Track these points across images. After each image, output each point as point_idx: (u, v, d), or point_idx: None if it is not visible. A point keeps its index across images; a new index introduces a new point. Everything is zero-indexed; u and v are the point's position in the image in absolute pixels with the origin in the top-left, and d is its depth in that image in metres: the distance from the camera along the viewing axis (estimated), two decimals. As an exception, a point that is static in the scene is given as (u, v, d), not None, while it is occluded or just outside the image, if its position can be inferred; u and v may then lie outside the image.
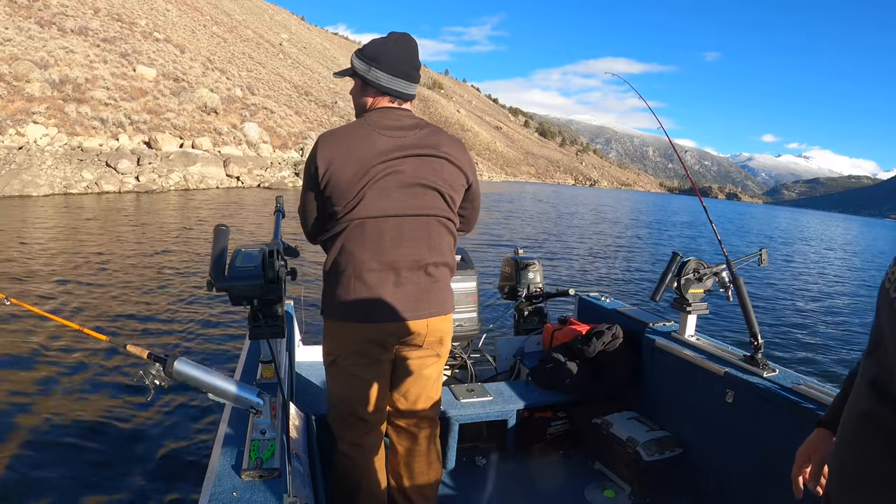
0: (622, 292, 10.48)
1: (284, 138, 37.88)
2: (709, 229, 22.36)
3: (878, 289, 0.97)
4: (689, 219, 40.51)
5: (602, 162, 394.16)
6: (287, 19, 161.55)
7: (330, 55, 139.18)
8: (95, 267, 8.61)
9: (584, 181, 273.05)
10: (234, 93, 40.83)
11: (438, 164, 1.77)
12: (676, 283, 2.67)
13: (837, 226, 76.71)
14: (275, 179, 28.68)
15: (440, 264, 1.84)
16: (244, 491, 1.31)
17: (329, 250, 1.81)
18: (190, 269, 9.01)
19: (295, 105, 53.06)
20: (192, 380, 1.37)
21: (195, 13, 71.21)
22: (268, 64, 69.97)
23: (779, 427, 2.16)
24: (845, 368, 6.54)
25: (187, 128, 28.44)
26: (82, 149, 21.57)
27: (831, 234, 51.20)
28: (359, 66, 1.79)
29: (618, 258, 15.75)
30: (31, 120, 21.34)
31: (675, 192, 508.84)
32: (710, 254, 14.46)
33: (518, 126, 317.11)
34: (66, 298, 6.88)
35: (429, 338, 1.86)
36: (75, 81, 26.29)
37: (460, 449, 2.69)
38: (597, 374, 2.90)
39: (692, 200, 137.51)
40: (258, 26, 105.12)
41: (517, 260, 3.81)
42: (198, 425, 3.85)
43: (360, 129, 1.72)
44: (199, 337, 5.80)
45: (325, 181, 1.69)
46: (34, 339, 5.20)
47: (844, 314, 10.95)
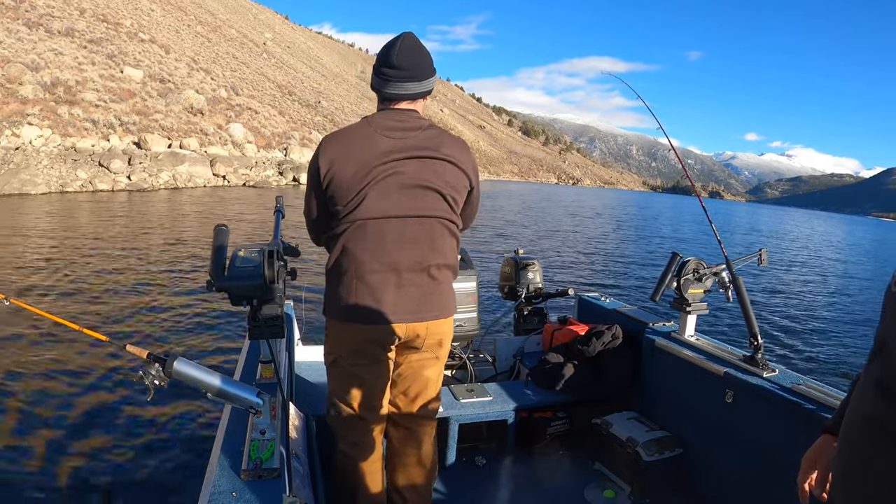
0: (622, 291, 10.68)
1: (268, 138, 38.97)
2: (700, 229, 24.51)
3: (876, 289, 1.38)
4: (675, 214, 41.50)
5: (585, 160, 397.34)
6: (271, 18, 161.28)
7: (314, 54, 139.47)
8: (95, 267, 8.73)
9: (566, 180, 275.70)
10: (218, 93, 41.76)
11: (440, 165, 1.77)
12: (676, 283, 2.68)
13: (821, 225, 77.85)
14: (259, 178, 29.88)
15: (442, 266, 1.84)
16: (244, 491, 1.31)
17: (331, 250, 1.82)
18: (190, 268, 9.13)
19: (279, 105, 53.97)
20: (191, 380, 1.37)
21: (179, 13, 71.60)
22: (252, 64, 70.56)
23: (779, 427, 2.16)
24: (846, 368, 7.04)
25: (175, 128, 29.50)
26: (76, 149, 22.63)
27: (815, 231, 51.83)
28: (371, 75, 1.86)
29: (618, 258, 15.82)
30: (25, 122, 22.30)
31: (658, 190, 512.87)
32: (706, 254, 14.33)
33: (502, 125, 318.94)
34: (66, 298, 6.97)
35: (428, 340, 1.87)
36: (66, 84, 27.24)
37: (460, 449, 2.69)
38: (597, 374, 2.91)
39: (676, 199, 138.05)
40: (242, 26, 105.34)
41: (517, 260, 3.82)
42: (197, 425, 3.90)
43: (363, 130, 1.75)
44: (199, 337, 5.87)
45: (327, 181, 1.72)
46: (34, 339, 5.29)
47: (843, 313, 11.10)
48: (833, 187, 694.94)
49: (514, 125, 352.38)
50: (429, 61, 1.80)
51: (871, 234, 73.22)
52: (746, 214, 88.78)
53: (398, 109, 1.78)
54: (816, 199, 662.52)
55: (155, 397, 1.37)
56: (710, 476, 2.48)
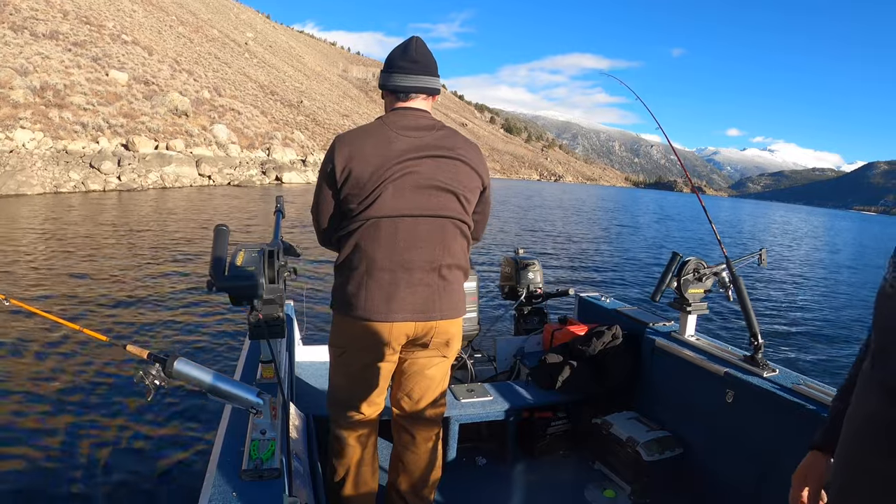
0: (622, 291, 10.70)
1: (251, 139, 40.13)
2: (698, 227, 26.09)
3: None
4: (675, 214, 41.58)
5: (567, 157, 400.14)
6: (252, 17, 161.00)
7: (295, 53, 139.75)
8: (94, 267, 8.74)
9: (548, 177, 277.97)
10: (202, 94, 42.72)
11: (454, 165, 1.78)
12: (676, 283, 2.68)
13: (802, 220, 76.72)
14: (243, 178, 31.10)
15: (453, 266, 1.85)
16: (244, 491, 1.32)
17: (343, 247, 1.82)
18: (190, 268, 9.15)
19: (261, 105, 54.91)
20: (191, 380, 1.38)
21: (161, 13, 71.98)
22: (233, 63, 71.22)
23: (779, 427, 2.15)
24: (845, 369, 7.73)
25: (161, 130, 30.57)
26: (67, 151, 23.60)
27: (802, 226, 52.40)
28: (379, 78, 1.87)
29: (618, 258, 15.85)
30: (18, 125, 23.24)
31: (640, 186, 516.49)
32: (703, 253, 12.81)
33: (484, 122, 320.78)
34: (66, 298, 6.96)
35: (436, 339, 1.87)
36: (55, 88, 28.21)
37: (460, 449, 2.69)
38: (597, 374, 2.90)
39: (659, 194, 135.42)
40: (224, 25, 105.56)
41: (517, 260, 3.81)
42: (197, 425, 3.89)
43: (379, 128, 1.76)
44: (200, 337, 5.88)
45: (343, 179, 1.72)
46: (34, 339, 5.26)
47: (843, 312, 11.11)
48: (815, 181, 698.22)
49: (496, 122, 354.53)
50: (436, 62, 1.86)
51: (863, 229, 73.37)
52: (731, 210, 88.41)
53: (412, 109, 1.81)
54: (798, 194, 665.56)
55: (155, 397, 1.36)
56: (710, 476, 2.47)
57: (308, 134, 55.08)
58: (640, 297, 9.64)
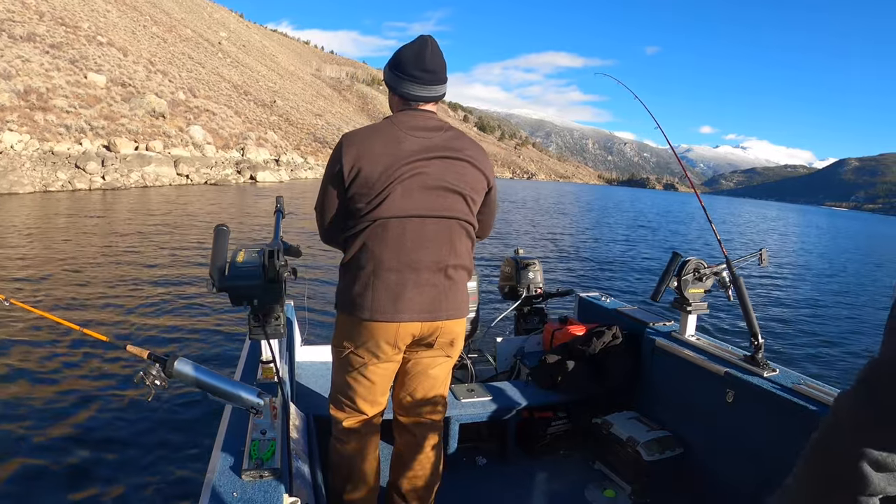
0: (622, 291, 10.75)
1: (226, 139, 41.85)
2: (695, 226, 28.45)
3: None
4: (674, 213, 42.05)
5: (541, 155, 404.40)
6: (226, 17, 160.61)
7: (269, 53, 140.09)
8: (94, 266, 8.73)
9: (521, 174, 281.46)
10: (177, 96, 44.17)
11: (462, 167, 1.79)
12: (676, 282, 2.67)
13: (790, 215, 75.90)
14: (220, 177, 32.93)
15: (459, 267, 1.85)
16: (244, 491, 1.31)
17: (349, 248, 1.81)
18: (190, 268, 9.13)
19: (235, 105, 56.30)
20: (192, 380, 1.38)
21: (134, 13, 72.51)
22: (207, 63, 72.19)
23: (779, 427, 2.15)
24: (847, 368, 7.02)
25: (140, 132, 32.20)
26: (53, 152, 25.11)
27: (788, 223, 52.58)
28: (385, 73, 1.89)
29: (618, 258, 15.90)
30: (6, 128, 24.72)
31: (612, 183, 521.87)
32: (701, 252, 14.10)
33: (457, 121, 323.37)
34: (66, 299, 6.95)
35: (441, 339, 1.88)
36: (38, 91, 29.65)
37: (460, 449, 2.70)
38: (597, 374, 2.90)
39: (631, 191, 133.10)
40: (197, 25, 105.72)
41: (517, 260, 3.80)
42: (198, 426, 3.88)
43: (388, 128, 1.76)
44: (199, 337, 5.85)
45: (351, 179, 1.71)
46: (34, 339, 5.25)
47: (843, 312, 11.15)
48: (787, 178, 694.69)
49: (469, 121, 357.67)
50: (446, 64, 1.85)
51: (849, 225, 73.58)
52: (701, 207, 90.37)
53: (421, 110, 1.81)
54: (771, 190, 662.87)
55: (155, 398, 1.37)
56: (710, 476, 2.47)
57: (281, 133, 56.58)
58: (641, 297, 9.64)
